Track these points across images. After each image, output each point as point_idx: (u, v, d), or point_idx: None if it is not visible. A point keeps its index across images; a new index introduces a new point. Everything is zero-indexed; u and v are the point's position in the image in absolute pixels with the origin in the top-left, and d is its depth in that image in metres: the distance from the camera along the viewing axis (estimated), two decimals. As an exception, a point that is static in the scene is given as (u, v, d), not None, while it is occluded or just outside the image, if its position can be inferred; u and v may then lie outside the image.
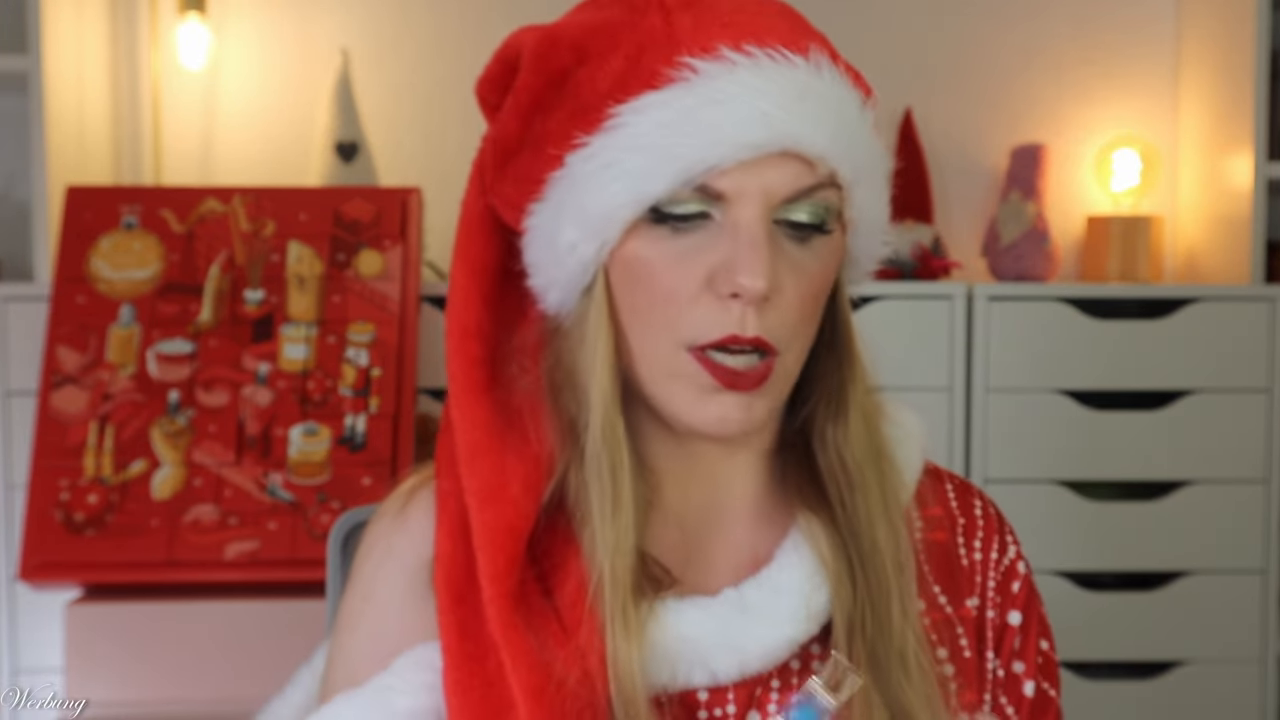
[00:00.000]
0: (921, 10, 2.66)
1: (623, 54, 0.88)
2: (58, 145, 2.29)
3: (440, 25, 2.61)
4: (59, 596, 2.06)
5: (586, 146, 0.88)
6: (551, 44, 0.90)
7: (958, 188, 2.65)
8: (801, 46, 0.89)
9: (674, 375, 0.90)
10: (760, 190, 0.87)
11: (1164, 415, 2.30)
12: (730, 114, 0.85)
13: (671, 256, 0.88)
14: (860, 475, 0.94)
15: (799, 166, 0.87)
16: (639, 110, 0.87)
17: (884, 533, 0.94)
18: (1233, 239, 2.43)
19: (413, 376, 2.08)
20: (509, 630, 0.87)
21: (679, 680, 0.91)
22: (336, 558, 1.20)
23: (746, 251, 0.86)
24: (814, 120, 0.87)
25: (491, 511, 0.89)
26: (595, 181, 0.88)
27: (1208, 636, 2.30)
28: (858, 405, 0.96)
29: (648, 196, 0.87)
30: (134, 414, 2.02)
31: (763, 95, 0.86)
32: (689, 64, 0.86)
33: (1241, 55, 2.41)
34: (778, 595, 0.92)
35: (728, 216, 0.87)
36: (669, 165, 0.86)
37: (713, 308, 0.88)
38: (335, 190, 2.23)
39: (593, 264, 0.90)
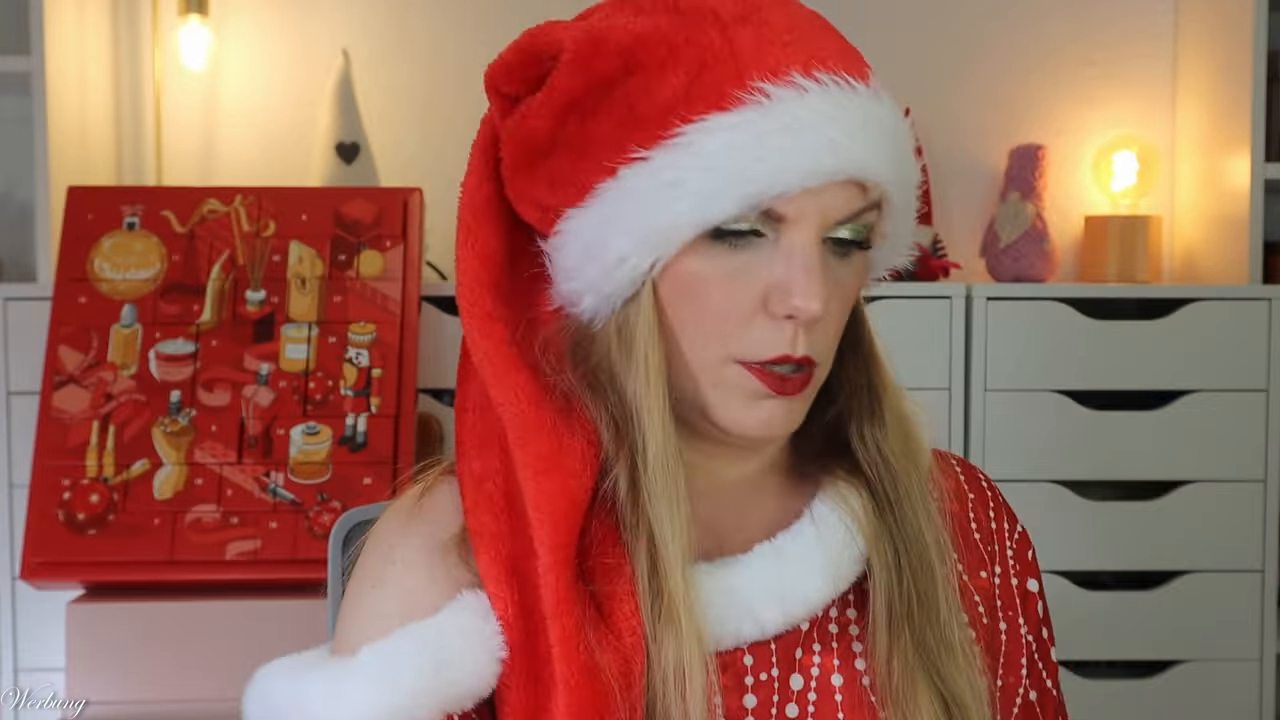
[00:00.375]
0: (921, 10, 2.66)
1: (683, 69, 0.87)
2: (59, 146, 2.29)
3: (441, 26, 2.62)
4: (60, 596, 2.06)
5: (647, 161, 0.87)
6: (595, 46, 0.88)
7: (957, 188, 2.66)
8: (861, 71, 0.90)
9: (720, 384, 0.91)
10: (818, 214, 0.88)
11: (1162, 415, 2.30)
12: (802, 141, 0.86)
13: (726, 274, 0.89)
14: (900, 465, 0.97)
15: (856, 191, 0.89)
16: (707, 130, 0.86)
17: (925, 521, 0.96)
18: (1231, 239, 2.44)
19: (413, 376, 2.09)
20: (562, 603, 0.87)
21: (729, 635, 0.92)
22: (337, 557, 1.20)
23: (802, 275, 0.87)
24: (877, 147, 0.89)
25: (551, 480, 0.89)
26: (656, 198, 0.87)
27: (1206, 636, 2.31)
28: (891, 404, 0.98)
29: (713, 218, 0.87)
30: (135, 414, 2.03)
31: (833, 123, 0.87)
32: (760, 88, 0.86)
33: (1240, 56, 2.42)
34: (811, 546, 0.94)
35: (783, 237, 0.88)
36: (738, 189, 0.86)
37: (766, 327, 0.89)
38: (336, 190, 2.24)
39: (644, 277, 0.90)
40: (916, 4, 2.66)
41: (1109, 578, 2.35)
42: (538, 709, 0.87)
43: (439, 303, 2.25)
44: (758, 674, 0.94)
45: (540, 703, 0.87)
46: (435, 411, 2.25)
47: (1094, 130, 2.67)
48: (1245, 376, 2.31)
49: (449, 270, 2.53)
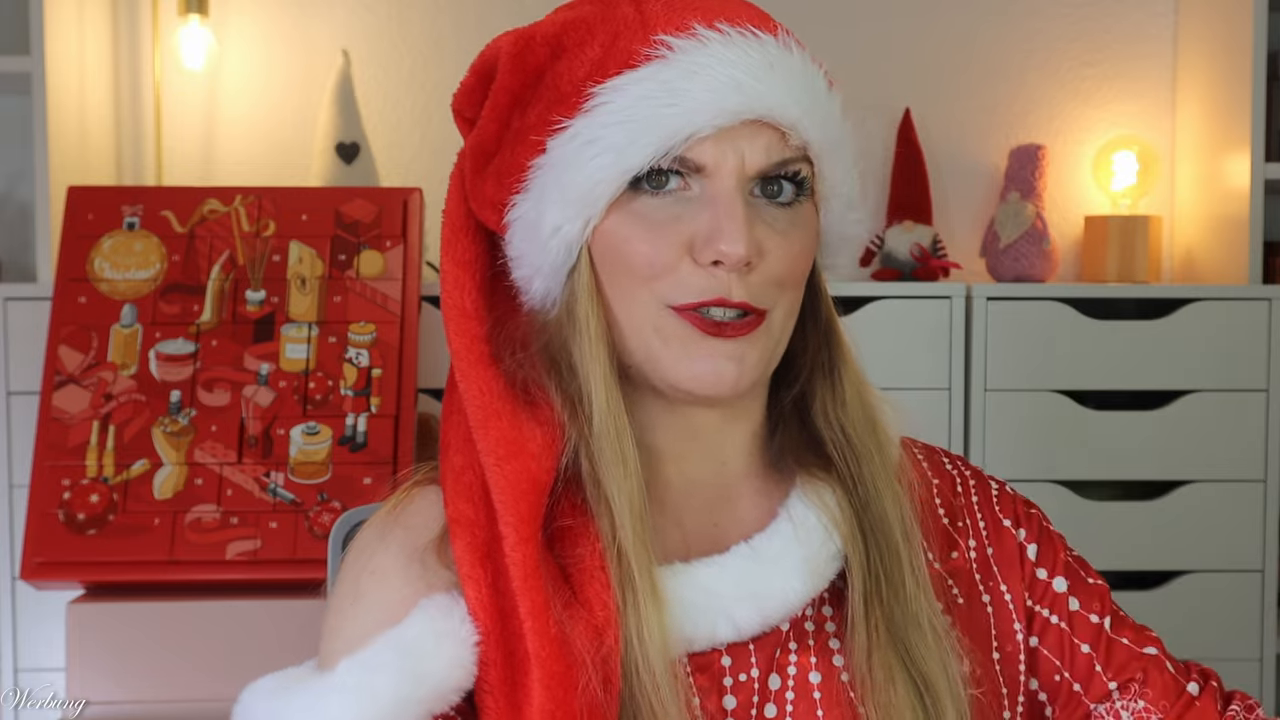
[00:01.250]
0: (921, 10, 2.66)
1: (598, 43, 0.92)
2: (59, 146, 2.29)
3: (440, 26, 2.62)
4: (60, 595, 2.06)
5: (567, 129, 0.91)
6: (527, 43, 0.93)
7: (957, 188, 2.66)
8: (770, 27, 0.93)
9: (659, 332, 0.92)
10: (737, 161, 0.90)
11: (1162, 415, 2.31)
12: (706, 83, 0.89)
13: (651, 225, 0.91)
14: (863, 445, 0.98)
15: (773, 137, 0.91)
16: (618, 89, 0.90)
17: (890, 501, 0.97)
18: (1231, 239, 2.44)
19: (413, 376, 2.09)
20: (530, 578, 0.88)
21: (702, 636, 0.92)
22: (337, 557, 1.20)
23: (726, 220, 0.89)
24: (785, 90, 0.91)
25: (513, 465, 0.91)
26: (577, 160, 0.91)
27: (1206, 636, 2.31)
28: (850, 378, 0.99)
29: (630, 168, 0.90)
30: (135, 414, 2.03)
31: (735, 65, 0.90)
32: (664, 41, 0.90)
33: (1239, 57, 2.42)
34: (788, 546, 0.95)
35: (706, 190, 0.91)
36: (650, 134, 0.89)
37: (695, 273, 0.90)
38: (336, 190, 2.24)
39: (577, 243, 0.93)
40: (916, 4, 2.66)
41: (1109, 578, 2.34)
42: (514, 685, 0.88)
43: (439, 303, 2.25)
44: (736, 675, 0.94)
45: (516, 679, 0.88)
46: (435, 411, 2.25)
47: (1094, 130, 2.68)
48: (1245, 376, 2.31)
49: (449, 270, 2.52)
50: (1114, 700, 1.01)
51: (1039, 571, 1.05)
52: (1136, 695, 1.01)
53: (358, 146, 2.42)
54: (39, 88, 2.25)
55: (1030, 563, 1.05)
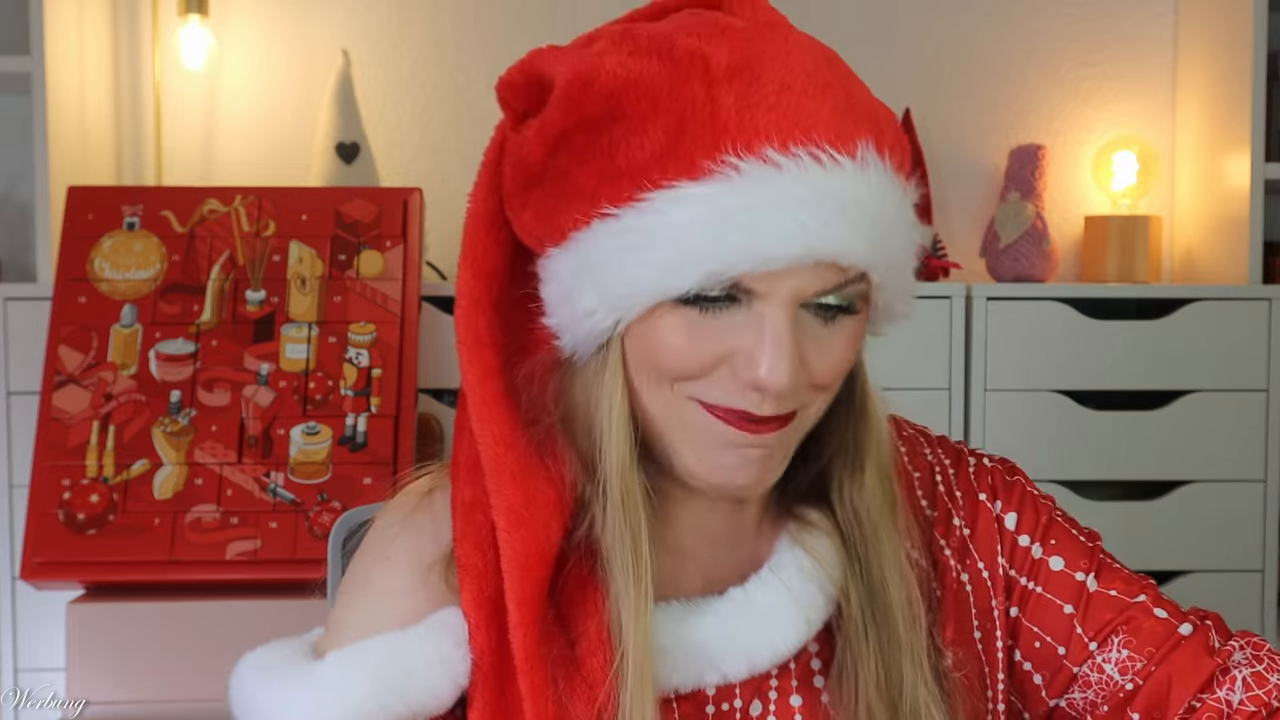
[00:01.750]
0: (921, 10, 2.66)
1: (662, 127, 0.84)
2: (59, 146, 2.29)
3: (440, 26, 2.62)
4: (60, 595, 2.06)
5: (616, 219, 0.85)
6: (584, 88, 0.85)
7: (957, 188, 2.66)
8: (849, 140, 0.85)
9: (681, 425, 0.89)
10: (790, 291, 0.85)
11: (1162, 415, 2.31)
12: (768, 223, 0.82)
13: (690, 334, 0.86)
14: (875, 533, 0.95)
15: (833, 270, 0.85)
16: (674, 199, 0.83)
17: (896, 590, 0.94)
18: (1230, 239, 2.44)
19: (413, 376, 2.09)
20: (531, 659, 0.87)
21: (690, 682, 0.92)
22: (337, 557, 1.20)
23: (772, 348, 0.84)
24: (853, 231, 0.84)
25: (521, 535, 0.88)
26: (621, 260, 0.85)
27: (1206, 636, 2.31)
28: (874, 459, 0.96)
29: (674, 290, 0.85)
30: (136, 414, 2.03)
31: (803, 206, 0.83)
32: (731, 162, 0.83)
33: (1239, 57, 2.42)
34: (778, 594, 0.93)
35: (754, 309, 0.85)
36: (699, 265, 0.83)
37: (727, 382, 0.86)
38: (336, 190, 2.24)
39: (609, 333, 0.88)
40: (917, 4, 2.66)
41: (1109, 578, 2.35)
42: None
43: (439, 303, 2.25)
44: (719, 704, 0.94)
45: None
46: (435, 411, 2.25)
47: (1094, 130, 2.68)
48: (1245, 376, 2.31)
49: (449, 270, 2.53)
50: (1094, 656, 0.99)
51: (1020, 539, 1.03)
52: (1121, 645, 0.99)
53: (358, 146, 2.42)
54: (39, 88, 2.25)
55: (1010, 532, 1.03)
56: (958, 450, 1.07)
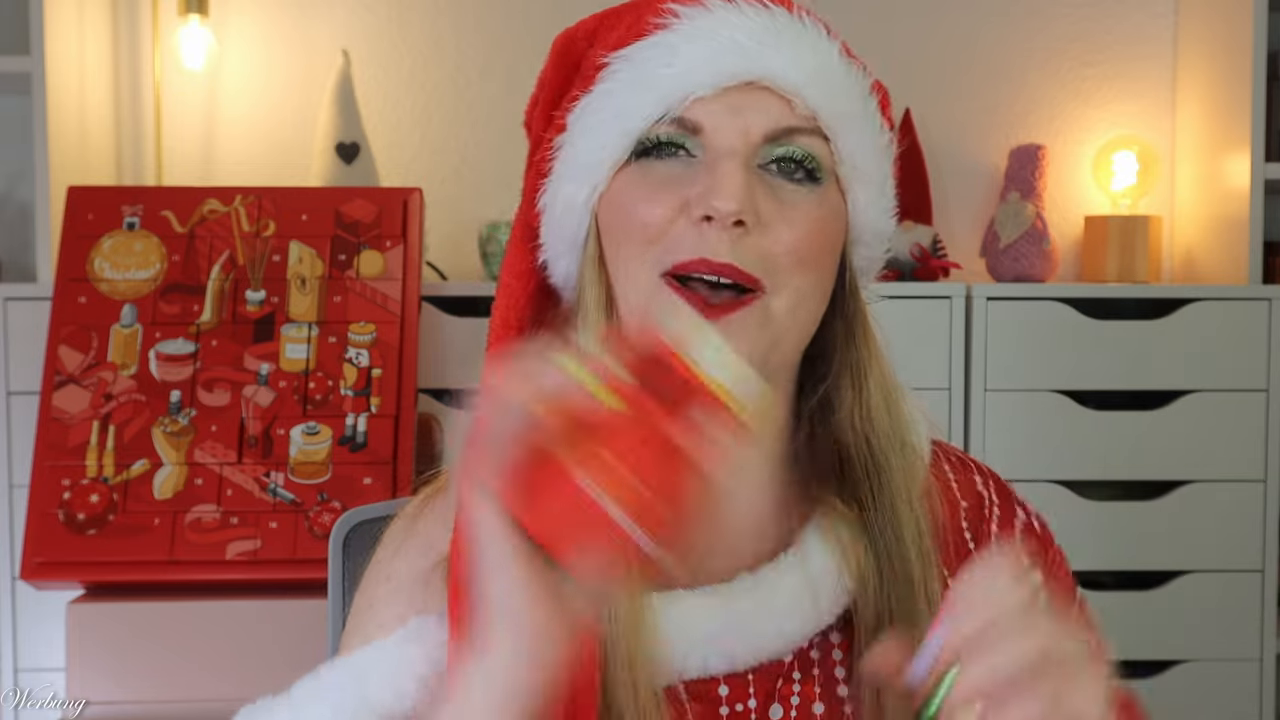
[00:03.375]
0: (921, 10, 2.66)
1: (624, 24, 0.92)
2: (60, 146, 2.29)
3: (440, 26, 2.62)
4: (61, 595, 2.06)
5: (581, 104, 0.92)
6: (570, 38, 0.95)
7: (957, 188, 2.66)
8: (786, 2, 0.92)
9: (653, 307, 0.89)
10: (739, 125, 0.88)
11: (1162, 415, 2.31)
12: (705, 44, 0.88)
13: (651, 187, 0.89)
14: (885, 460, 0.94)
15: (777, 103, 0.89)
16: (626, 57, 0.90)
17: (908, 523, 0.93)
18: (1230, 239, 2.44)
19: (413, 376, 2.09)
20: None
21: (695, 667, 0.90)
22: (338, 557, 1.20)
23: (721, 177, 0.86)
24: (789, 55, 0.89)
25: None
26: (586, 129, 0.91)
27: (1206, 636, 2.31)
28: (878, 380, 0.95)
29: (631, 129, 0.89)
30: (136, 414, 2.03)
31: (737, 29, 0.89)
32: (672, 9, 0.90)
33: (1239, 57, 2.42)
34: (794, 582, 0.91)
35: (707, 153, 0.89)
36: (648, 94, 0.89)
37: (687, 231, 0.87)
38: (336, 190, 2.24)
39: (585, 212, 0.92)
40: (917, 4, 2.66)
41: (1109, 578, 2.35)
42: None
43: (439, 303, 2.25)
44: (733, 704, 0.92)
45: None
46: (435, 411, 2.25)
47: (1094, 130, 2.68)
48: (1245, 376, 2.31)
49: (449, 270, 2.53)
50: None
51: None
52: None
53: (358, 146, 2.42)
54: (39, 88, 2.25)
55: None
56: (1008, 493, 1.04)
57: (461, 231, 2.56)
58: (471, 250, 2.55)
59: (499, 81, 2.57)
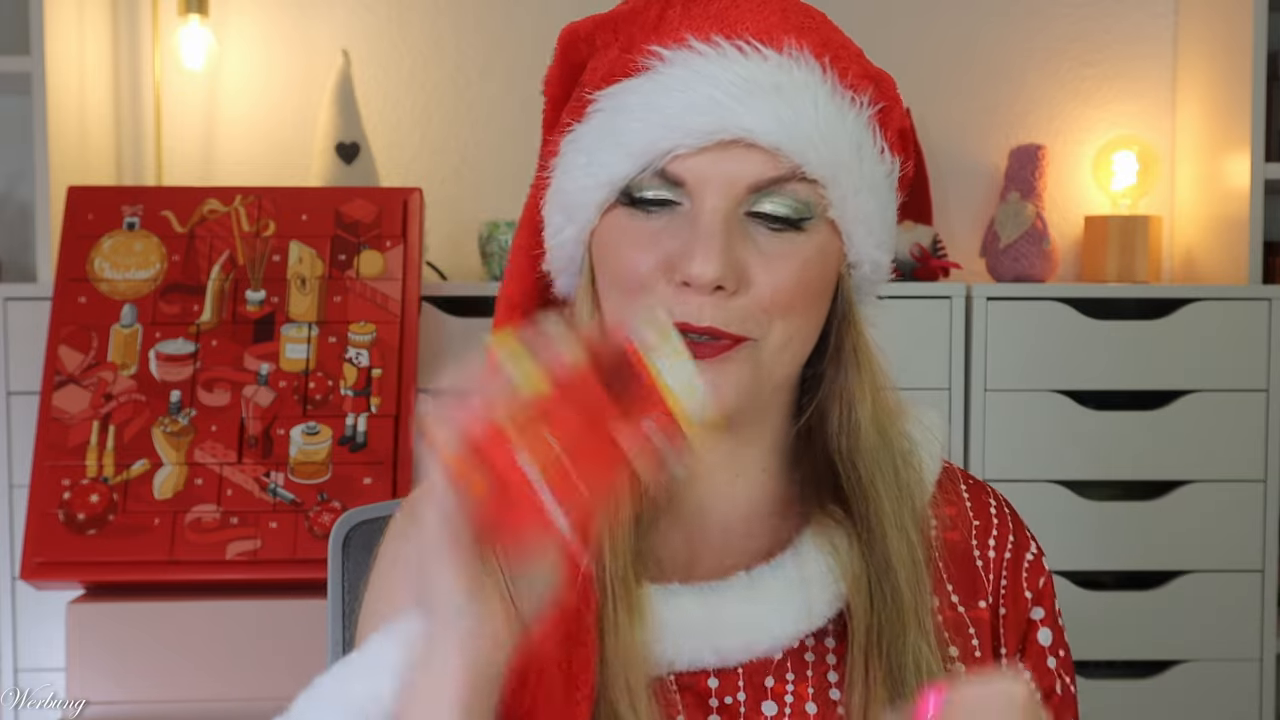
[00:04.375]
0: (921, 10, 2.66)
1: (619, 44, 0.91)
2: (60, 146, 2.29)
3: (440, 26, 2.62)
4: (60, 595, 2.06)
5: (572, 133, 0.92)
6: (571, 38, 0.94)
7: (957, 188, 2.66)
8: (778, 41, 0.89)
9: None
10: (722, 179, 0.87)
11: (1162, 415, 2.30)
12: (681, 100, 0.87)
13: (636, 239, 0.89)
14: (871, 485, 0.94)
15: (760, 157, 0.87)
16: (612, 97, 0.90)
17: (897, 544, 0.93)
18: (1230, 239, 2.44)
19: (413, 376, 2.09)
20: None
21: (685, 660, 0.91)
22: (337, 557, 1.20)
23: (700, 240, 0.86)
24: (767, 112, 0.87)
25: None
26: (575, 167, 0.91)
27: (1206, 636, 2.31)
28: (866, 411, 0.95)
29: (615, 180, 0.89)
30: (136, 414, 2.03)
31: (715, 83, 0.87)
32: (657, 53, 0.89)
33: (1239, 57, 2.42)
34: (788, 583, 0.92)
35: (692, 206, 0.88)
36: (627, 149, 0.88)
37: (667, 294, 0.87)
38: (336, 190, 2.24)
39: (577, 246, 0.93)
40: (917, 4, 2.66)
41: (1109, 578, 2.35)
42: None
43: (439, 303, 2.25)
44: (722, 697, 0.92)
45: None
46: (435, 411, 2.25)
47: (1094, 130, 2.68)
48: (1245, 376, 2.31)
49: (449, 270, 2.53)
50: None
51: (1049, 660, 1.00)
52: None
53: (358, 146, 2.42)
54: (39, 88, 2.25)
55: (1040, 648, 1.00)
56: (1020, 522, 1.04)
57: (461, 231, 2.56)
58: (471, 250, 2.55)
59: (499, 81, 2.57)
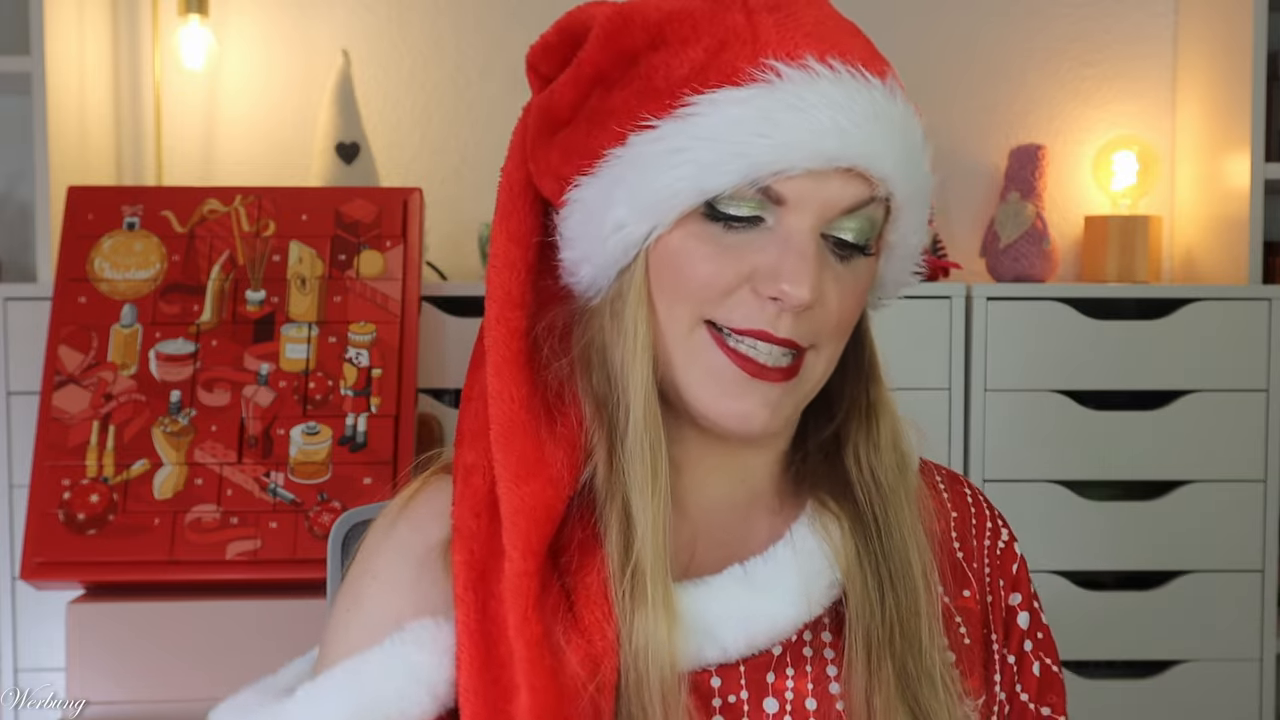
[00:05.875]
0: (922, 10, 2.66)
1: (702, 45, 0.88)
2: (60, 146, 2.29)
3: (440, 26, 2.62)
4: (60, 595, 2.06)
5: (654, 129, 0.88)
6: (625, 22, 0.90)
7: (957, 188, 2.66)
8: (880, 69, 0.90)
9: (691, 356, 0.90)
10: (820, 202, 0.88)
11: (1162, 415, 2.30)
12: (808, 122, 0.86)
13: (716, 250, 0.88)
14: (893, 492, 0.96)
15: (860, 184, 0.88)
16: (715, 103, 0.87)
17: (915, 550, 0.95)
18: (1230, 239, 2.44)
19: (413, 376, 2.09)
20: (526, 613, 0.86)
21: (688, 657, 0.90)
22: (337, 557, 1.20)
23: (796, 260, 0.87)
24: (885, 142, 0.88)
25: (529, 488, 0.88)
26: (657, 165, 0.88)
27: (1206, 636, 2.31)
28: (888, 423, 0.97)
29: (711, 189, 0.87)
30: (136, 414, 2.03)
31: (841, 109, 0.86)
32: (773, 66, 0.86)
33: (1239, 57, 2.42)
34: (782, 571, 0.93)
35: (781, 222, 0.88)
36: (738, 162, 0.86)
37: (748, 302, 0.88)
38: (336, 190, 2.24)
39: (637, 246, 0.90)
40: (917, 4, 2.66)
41: (1109, 578, 2.35)
42: (495, 712, 0.86)
43: (439, 303, 2.25)
44: (725, 696, 0.92)
45: (498, 705, 0.86)
46: (435, 411, 2.25)
47: (1094, 130, 2.68)
48: (1245, 376, 2.31)
49: (449, 270, 2.53)
50: None
51: (1026, 643, 1.03)
52: None
53: (358, 146, 2.42)
54: (39, 88, 2.25)
55: (1020, 631, 1.03)
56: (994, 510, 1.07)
57: (461, 231, 2.56)
58: (471, 250, 2.55)
59: (499, 81, 2.57)
